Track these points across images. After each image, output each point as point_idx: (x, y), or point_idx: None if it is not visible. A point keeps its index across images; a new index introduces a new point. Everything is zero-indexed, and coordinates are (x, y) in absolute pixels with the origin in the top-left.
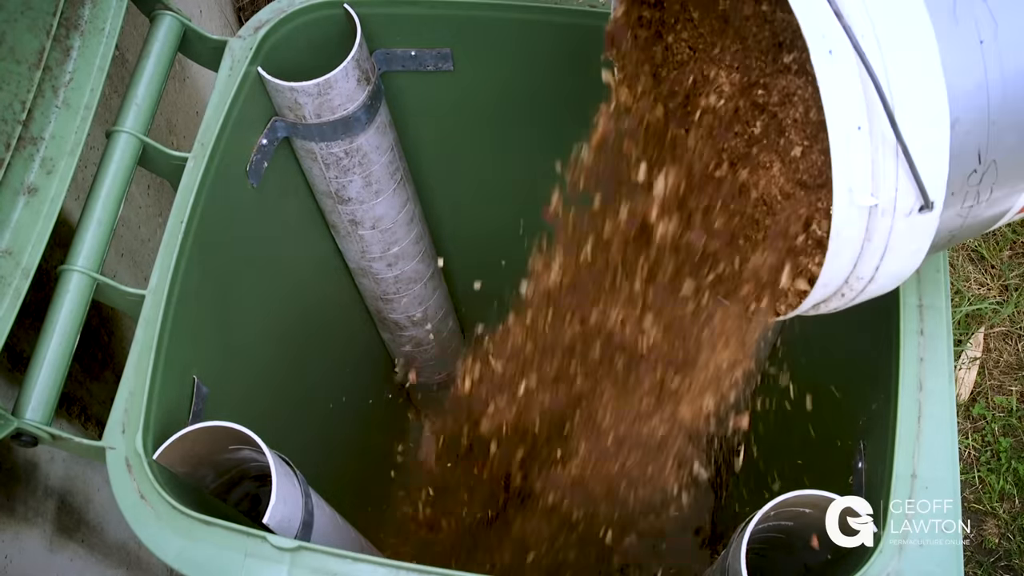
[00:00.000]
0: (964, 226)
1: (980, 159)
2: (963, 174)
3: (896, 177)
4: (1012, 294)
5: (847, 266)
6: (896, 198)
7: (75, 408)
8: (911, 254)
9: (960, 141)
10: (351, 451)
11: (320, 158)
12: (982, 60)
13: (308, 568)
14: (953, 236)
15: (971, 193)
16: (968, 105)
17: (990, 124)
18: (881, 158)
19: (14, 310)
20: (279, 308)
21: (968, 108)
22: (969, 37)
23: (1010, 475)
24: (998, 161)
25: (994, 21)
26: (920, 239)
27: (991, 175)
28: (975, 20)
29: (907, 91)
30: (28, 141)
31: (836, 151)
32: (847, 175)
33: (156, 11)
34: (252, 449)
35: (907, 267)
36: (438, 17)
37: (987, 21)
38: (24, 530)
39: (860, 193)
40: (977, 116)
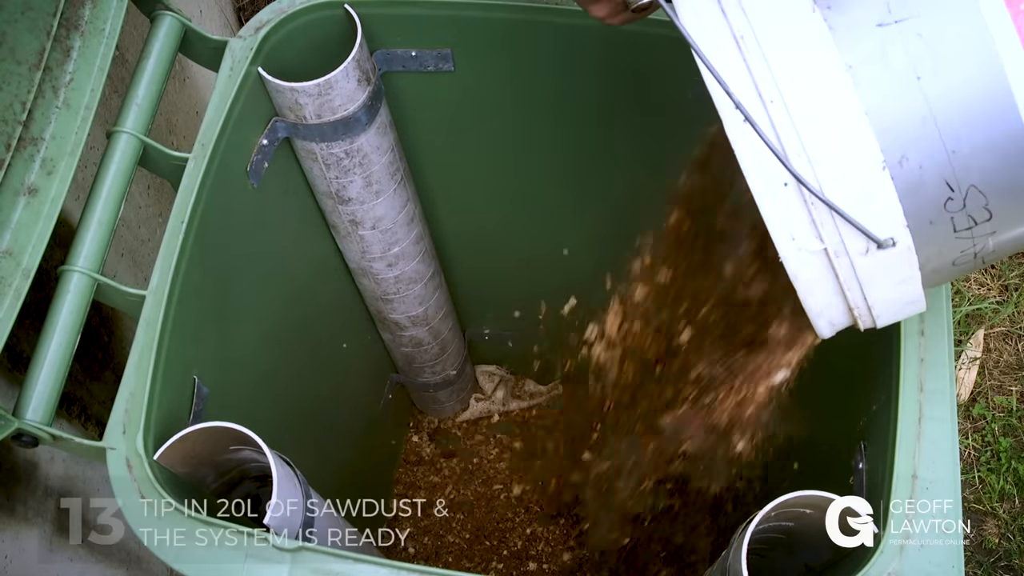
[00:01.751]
0: (997, 244)
1: (952, 187)
2: (935, 204)
3: (834, 222)
4: (1012, 294)
5: (833, 302)
6: (843, 241)
7: (75, 408)
8: (899, 283)
9: (916, 175)
10: (351, 451)
11: (320, 158)
12: (923, 95)
13: (309, 568)
14: (985, 252)
15: (960, 218)
16: (914, 141)
17: (950, 154)
18: (815, 208)
19: (14, 310)
20: (279, 308)
21: (915, 144)
22: (905, 75)
23: (1010, 475)
24: (979, 185)
25: (933, 55)
26: (902, 270)
27: (976, 198)
28: (910, 59)
29: (825, 143)
30: (28, 141)
31: (763, 208)
32: (783, 226)
33: (156, 11)
34: (253, 449)
35: (908, 294)
36: (438, 17)
37: (924, 57)
38: (24, 530)
39: (805, 240)
40: (929, 149)
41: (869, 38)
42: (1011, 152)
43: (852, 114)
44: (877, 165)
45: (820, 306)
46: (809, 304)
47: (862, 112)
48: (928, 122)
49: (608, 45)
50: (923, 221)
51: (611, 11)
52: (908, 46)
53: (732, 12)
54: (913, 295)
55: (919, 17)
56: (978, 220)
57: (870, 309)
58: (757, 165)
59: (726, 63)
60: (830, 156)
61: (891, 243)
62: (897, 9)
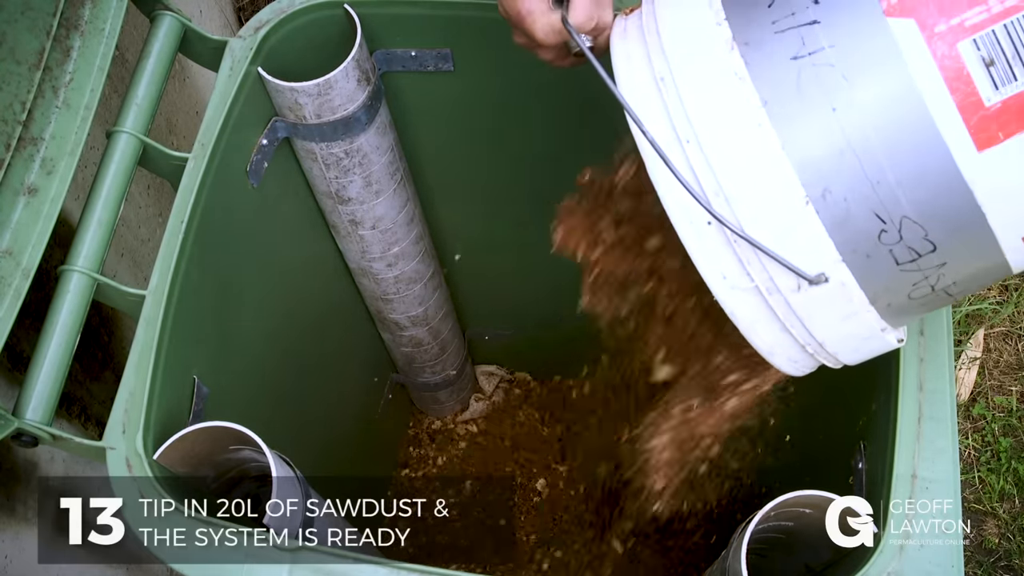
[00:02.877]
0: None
1: (883, 219)
2: (868, 237)
3: (760, 261)
4: (1012, 294)
5: (782, 339)
6: (772, 279)
7: (75, 408)
8: (844, 319)
9: (842, 208)
10: (351, 451)
11: (320, 158)
12: (839, 126)
13: (309, 568)
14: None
15: (900, 251)
16: (835, 173)
17: (874, 185)
18: (739, 246)
19: (14, 310)
20: (279, 308)
21: (836, 176)
22: (820, 107)
23: (1010, 475)
24: (912, 216)
25: (848, 84)
26: (843, 306)
27: (913, 230)
28: (824, 90)
29: (741, 181)
30: (28, 141)
31: (690, 249)
32: (712, 266)
33: (156, 11)
34: (252, 449)
35: (862, 330)
36: (438, 17)
37: (838, 86)
38: (24, 530)
39: (735, 278)
40: (851, 181)
41: (784, 72)
42: (940, 183)
43: (768, 149)
44: (799, 200)
45: (769, 344)
46: (756, 342)
47: (779, 147)
48: (847, 153)
49: None
50: (860, 255)
51: (556, 56)
52: (822, 77)
53: (655, 56)
54: (868, 331)
55: (834, 47)
56: (921, 252)
57: (822, 346)
58: (680, 206)
59: (648, 106)
60: (748, 193)
61: (823, 279)
62: (810, 41)
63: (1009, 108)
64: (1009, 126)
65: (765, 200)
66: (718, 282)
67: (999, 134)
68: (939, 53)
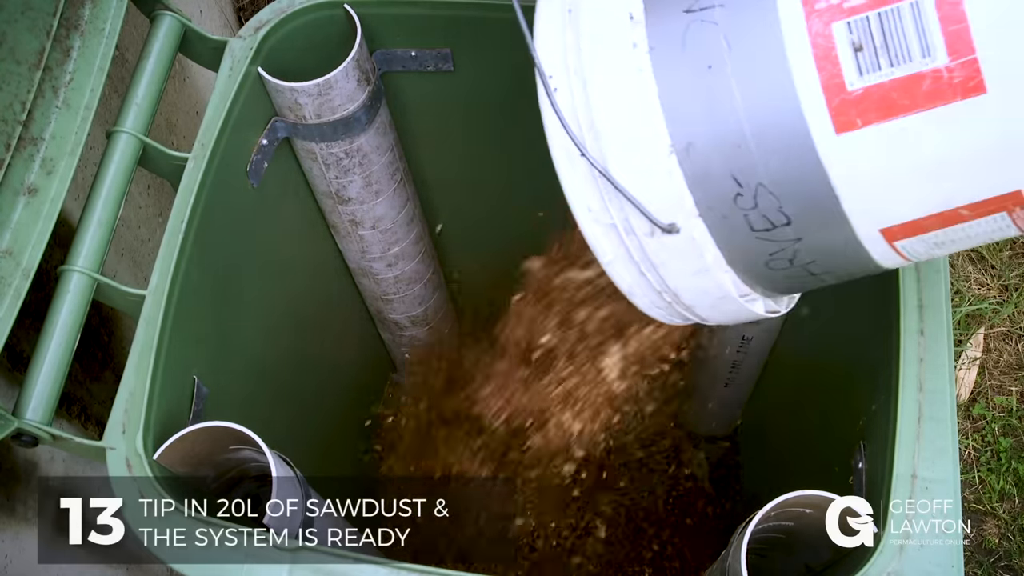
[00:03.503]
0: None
1: (740, 183)
2: (725, 198)
3: (619, 200)
4: (1012, 294)
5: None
6: (628, 219)
7: (75, 408)
8: (695, 274)
9: (703, 165)
10: (351, 450)
11: (320, 158)
12: (708, 85)
13: (309, 568)
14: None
15: (755, 217)
16: (701, 129)
17: (735, 147)
18: (602, 182)
19: (14, 310)
20: (279, 308)
21: (702, 133)
22: (697, 63)
23: (1010, 475)
24: (768, 185)
25: (727, 45)
26: (693, 260)
27: (768, 199)
28: (703, 47)
29: (613, 120)
30: (28, 141)
31: (561, 176)
32: (580, 197)
33: (156, 11)
34: (252, 449)
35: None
36: (438, 17)
37: (718, 46)
38: (24, 530)
39: (598, 213)
40: (715, 140)
41: (676, 23)
42: (797, 157)
43: (644, 95)
44: (664, 148)
45: (628, 284)
46: (616, 280)
47: (655, 94)
48: (714, 113)
49: None
50: (716, 214)
51: None
52: (705, 35)
53: None
54: (722, 291)
55: (723, 7)
56: (776, 223)
57: (677, 296)
58: (558, 134)
59: (552, 36)
60: (616, 133)
61: (675, 229)
62: None
63: (870, 96)
64: (868, 114)
65: (631, 142)
66: (583, 214)
67: (857, 120)
68: (814, 29)
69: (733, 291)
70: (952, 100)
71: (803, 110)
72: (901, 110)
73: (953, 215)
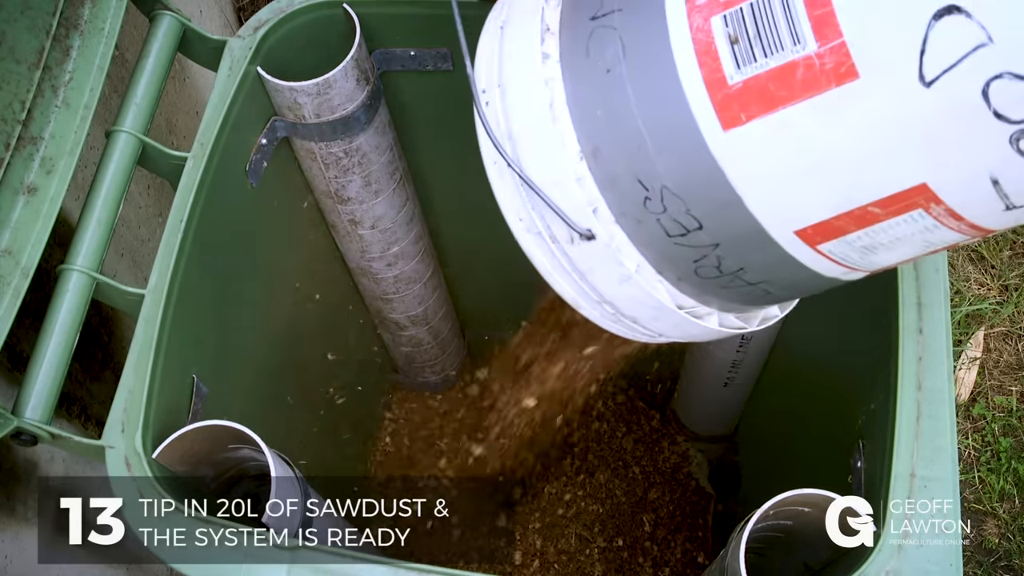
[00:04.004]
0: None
1: (645, 186)
2: (635, 202)
3: (540, 208)
4: (1012, 294)
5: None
6: (549, 226)
7: (75, 408)
8: (621, 281)
9: (609, 169)
10: (351, 450)
11: (320, 158)
12: (607, 88)
13: (308, 567)
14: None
15: (667, 222)
16: (604, 134)
17: (636, 149)
18: (525, 190)
19: (14, 309)
20: (278, 307)
21: (604, 136)
22: (597, 67)
23: (1010, 475)
24: (671, 187)
25: (622, 47)
26: (615, 267)
27: (675, 202)
28: (602, 51)
29: (526, 126)
30: (28, 141)
31: (494, 187)
32: (510, 207)
33: (156, 11)
34: (251, 448)
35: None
36: (438, 17)
37: (615, 49)
38: (24, 530)
39: (528, 222)
40: (618, 143)
41: (583, 30)
42: (692, 157)
43: (553, 102)
44: (574, 154)
45: (571, 296)
46: (559, 290)
47: (563, 101)
48: (613, 116)
49: None
50: (630, 219)
51: None
52: (605, 39)
53: (506, 6)
54: (655, 302)
55: (621, 11)
56: (688, 227)
57: (617, 308)
58: (486, 144)
59: (486, 48)
60: (531, 140)
61: (591, 234)
62: (608, 3)
63: (749, 89)
64: (750, 108)
65: (543, 149)
66: (515, 223)
67: (741, 115)
68: (695, 24)
69: (668, 301)
70: (827, 88)
71: (691, 108)
72: (779, 102)
73: (864, 214)
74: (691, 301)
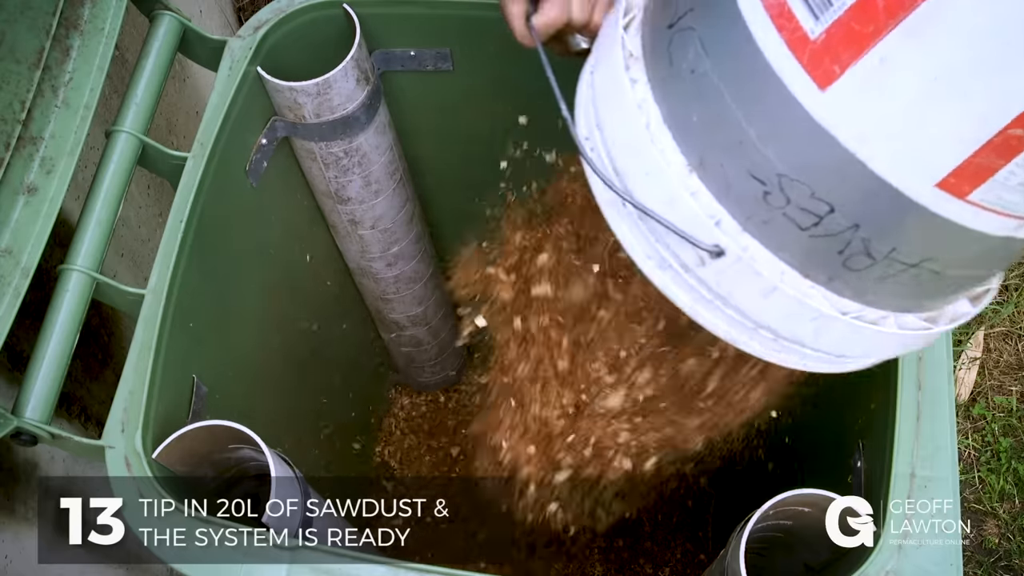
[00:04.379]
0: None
1: (761, 180)
2: (755, 200)
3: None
4: (1012, 294)
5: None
6: (676, 254)
7: (75, 408)
8: (765, 295)
9: (720, 173)
10: (351, 450)
11: (319, 158)
12: (698, 88)
13: (308, 567)
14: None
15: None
16: (706, 139)
17: (739, 144)
18: (644, 222)
19: (14, 309)
20: (278, 308)
21: (707, 140)
22: (684, 72)
23: (1010, 475)
24: (789, 173)
25: (701, 44)
26: (752, 279)
27: (798, 189)
28: (686, 54)
29: (629, 156)
30: (28, 141)
31: (615, 231)
32: (636, 248)
33: (156, 11)
34: (251, 448)
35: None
36: (438, 17)
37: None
38: (24, 530)
39: (657, 259)
40: (720, 144)
41: (663, 43)
42: (798, 131)
43: (651, 122)
44: (682, 170)
45: (724, 331)
46: (711, 328)
47: (659, 120)
48: (708, 116)
49: None
50: (757, 221)
51: (561, 51)
52: (684, 42)
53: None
54: (808, 311)
55: (693, 11)
56: (819, 213)
57: (773, 330)
58: (604, 193)
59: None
60: (636, 168)
61: (718, 250)
62: (682, 6)
63: (834, 37)
64: (840, 56)
65: (650, 173)
66: (645, 263)
67: (835, 68)
68: (772, 9)
69: (826, 307)
70: (913, 4)
71: (781, 77)
72: (869, 38)
73: (1006, 141)
74: (854, 304)
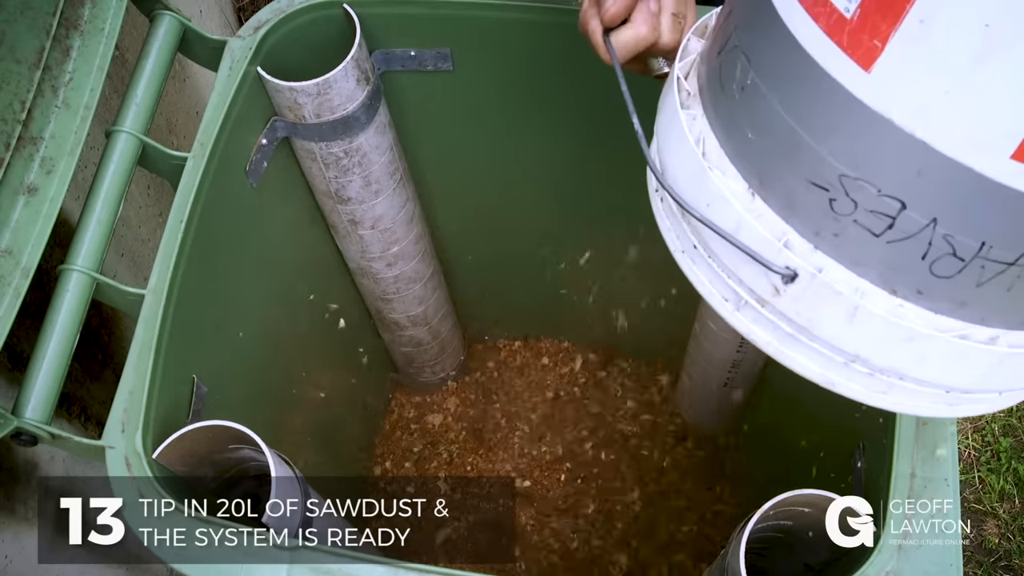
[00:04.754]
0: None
1: (823, 185)
2: (821, 209)
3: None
4: None
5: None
6: (751, 288)
7: (75, 408)
8: (848, 320)
9: (781, 187)
10: (352, 450)
11: (320, 158)
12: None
13: (308, 567)
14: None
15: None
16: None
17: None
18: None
19: (14, 310)
20: (278, 308)
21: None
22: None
23: (1010, 475)
24: (848, 172)
25: (747, 58)
26: (831, 302)
27: (862, 189)
28: (734, 73)
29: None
30: (28, 141)
31: (689, 275)
32: (711, 291)
33: (156, 11)
34: (251, 448)
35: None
36: (438, 17)
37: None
38: (24, 530)
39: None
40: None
41: (714, 70)
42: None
43: (707, 151)
44: (743, 192)
45: (815, 370)
46: (801, 371)
47: (716, 146)
48: (761, 127)
49: None
50: (828, 235)
51: (639, 71)
52: (732, 61)
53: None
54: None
55: (737, 28)
56: (891, 213)
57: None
58: (674, 240)
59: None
60: (699, 199)
61: (790, 272)
62: (728, 29)
63: (869, 8)
64: (879, 28)
65: (713, 200)
66: (722, 306)
67: (875, 42)
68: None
69: (920, 325)
70: None
71: (825, 67)
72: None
73: None
74: (954, 322)
